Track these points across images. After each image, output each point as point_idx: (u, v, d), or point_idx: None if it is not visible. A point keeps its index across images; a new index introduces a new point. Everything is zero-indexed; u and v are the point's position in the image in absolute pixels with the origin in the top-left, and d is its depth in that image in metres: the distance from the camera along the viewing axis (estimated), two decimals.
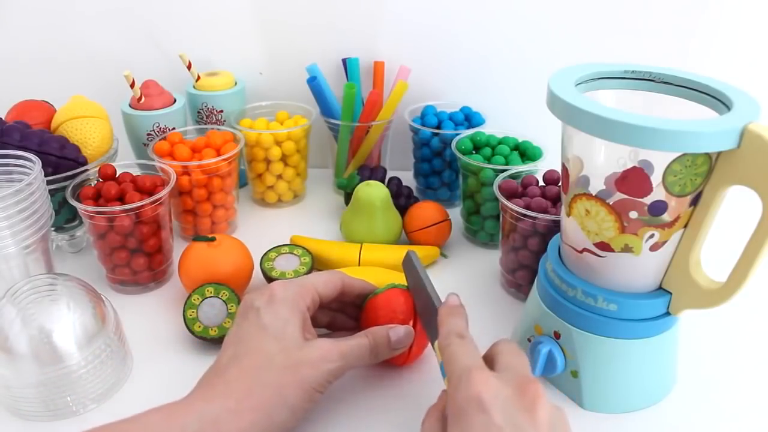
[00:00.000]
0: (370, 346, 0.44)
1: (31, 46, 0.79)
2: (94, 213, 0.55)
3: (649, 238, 0.41)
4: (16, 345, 0.44)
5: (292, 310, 0.43)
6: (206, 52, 0.78)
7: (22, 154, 0.54)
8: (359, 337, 0.44)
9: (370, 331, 0.45)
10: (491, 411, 0.32)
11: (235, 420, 0.37)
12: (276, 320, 0.42)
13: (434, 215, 0.65)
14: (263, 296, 0.44)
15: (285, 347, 0.41)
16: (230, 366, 0.40)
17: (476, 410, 0.33)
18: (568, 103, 0.38)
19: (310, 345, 0.42)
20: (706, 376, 0.50)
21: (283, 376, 0.40)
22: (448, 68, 0.79)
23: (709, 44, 0.73)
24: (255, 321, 0.42)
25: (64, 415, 0.46)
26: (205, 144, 0.66)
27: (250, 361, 0.40)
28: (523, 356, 0.38)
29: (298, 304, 0.44)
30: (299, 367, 0.40)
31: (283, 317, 0.42)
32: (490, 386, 0.34)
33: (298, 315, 0.43)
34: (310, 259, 0.60)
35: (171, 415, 0.37)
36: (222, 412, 0.38)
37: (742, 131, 0.35)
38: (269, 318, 0.42)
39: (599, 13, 0.73)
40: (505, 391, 0.34)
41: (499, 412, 0.32)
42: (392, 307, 0.47)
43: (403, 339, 0.45)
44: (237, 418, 0.37)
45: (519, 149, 0.68)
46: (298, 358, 0.41)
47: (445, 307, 0.42)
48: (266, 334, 0.41)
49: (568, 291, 0.46)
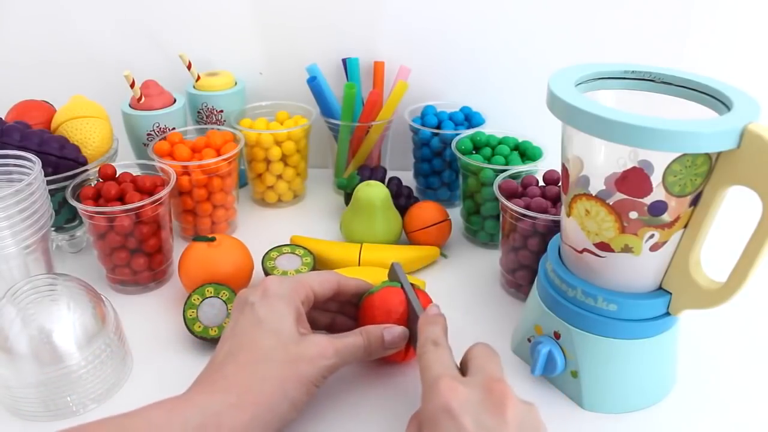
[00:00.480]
0: (365, 345, 0.44)
1: (31, 46, 0.79)
2: (94, 213, 0.55)
3: (649, 238, 0.41)
4: (16, 345, 0.44)
5: (287, 304, 0.43)
6: (206, 52, 0.78)
7: (22, 154, 0.54)
8: (354, 335, 0.44)
9: (366, 329, 0.45)
10: (460, 417, 0.33)
11: (238, 414, 0.37)
12: (271, 314, 0.42)
13: (434, 215, 0.65)
14: (257, 291, 0.44)
15: (282, 342, 0.41)
16: (228, 361, 0.41)
17: (446, 418, 0.34)
18: (568, 103, 0.38)
19: (306, 340, 0.42)
20: (706, 376, 0.50)
21: (283, 370, 0.40)
22: (448, 68, 0.79)
23: (709, 44, 0.73)
24: (250, 316, 0.42)
25: (64, 416, 0.46)
26: (205, 144, 0.66)
27: (248, 355, 0.40)
28: (495, 357, 0.39)
29: (292, 298, 0.44)
30: (297, 362, 0.41)
31: (279, 311, 0.42)
32: (458, 393, 0.35)
33: (293, 309, 0.43)
34: (312, 260, 0.60)
35: (172, 409, 0.37)
36: (223, 406, 0.38)
37: (742, 131, 0.35)
38: (264, 312, 0.42)
39: (599, 13, 0.73)
40: (473, 396, 0.35)
41: (468, 416, 0.33)
42: (387, 307, 0.47)
43: (397, 339, 0.46)
44: (239, 412, 0.38)
45: (519, 149, 0.68)
46: (295, 353, 0.41)
47: (424, 316, 0.43)
48: (262, 329, 0.41)
49: (568, 291, 0.46)
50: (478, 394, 0.35)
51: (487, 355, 0.39)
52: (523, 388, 0.49)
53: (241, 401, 0.38)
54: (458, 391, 0.35)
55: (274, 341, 0.41)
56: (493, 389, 0.35)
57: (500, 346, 0.53)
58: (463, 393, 0.35)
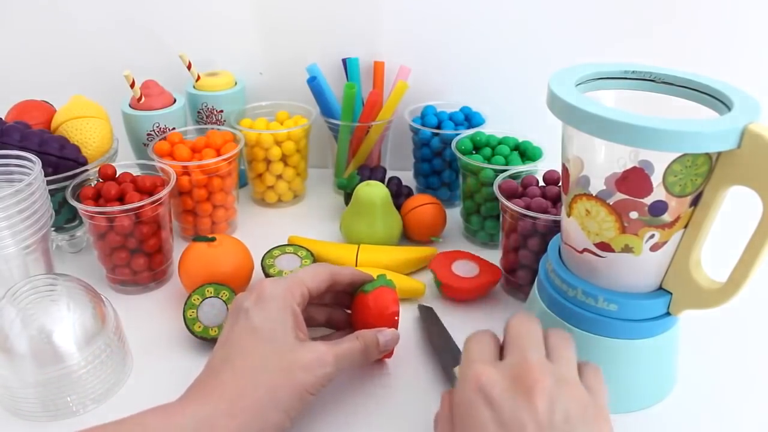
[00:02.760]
0: (362, 349, 0.45)
1: (31, 46, 0.79)
2: (94, 213, 0.55)
3: (649, 238, 0.41)
4: (16, 345, 0.44)
5: (282, 308, 0.42)
6: (206, 52, 0.78)
7: (22, 154, 0.54)
8: (351, 341, 0.44)
9: (361, 333, 0.45)
10: (490, 401, 0.33)
11: (229, 421, 0.37)
12: (267, 321, 0.41)
13: (427, 199, 0.68)
14: (251, 295, 0.43)
15: (277, 349, 0.41)
16: (223, 367, 0.40)
17: (477, 402, 0.33)
18: (568, 103, 0.38)
19: (303, 347, 0.41)
20: (706, 376, 0.50)
21: (277, 378, 0.40)
22: (448, 68, 0.79)
23: (709, 44, 0.73)
24: (245, 323, 0.42)
25: (64, 416, 0.46)
26: (205, 144, 0.66)
27: (243, 362, 0.40)
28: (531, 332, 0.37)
29: (287, 301, 0.43)
30: (293, 370, 0.40)
31: (274, 317, 0.42)
32: (489, 377, 0.34)
33: (289, 313, 0.42)
34: (312, 261, 0.60)
35: (167, 416, 0.37)
36: (216, 413, 0.37)
37: (743, 131, 0.35)
38: (259, 319, 0.41)
39: (599, 13, 0.73)
40: (504, 380, 0.34)
41: (497, 401, 0.33)
42: (380, 309, 0.48)
43: (390, 342, 0.47)
44: (230, 419, 0.37)
45: (519, 149, 0.68)
46: (291, 360, 0.40)
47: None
48: (257, 336, 0.41)
49: (568, 291, 0.46)
50: (509, 379, 0.34)
51: (522, 333, 0.37)
52: None
53: (232, 408, 0.38)
54: (489, 375, 0.34)
55: (270, 349, 0.40)
56: (522, 374, 0.34)
57: None
58: (493, 377, 0.34)
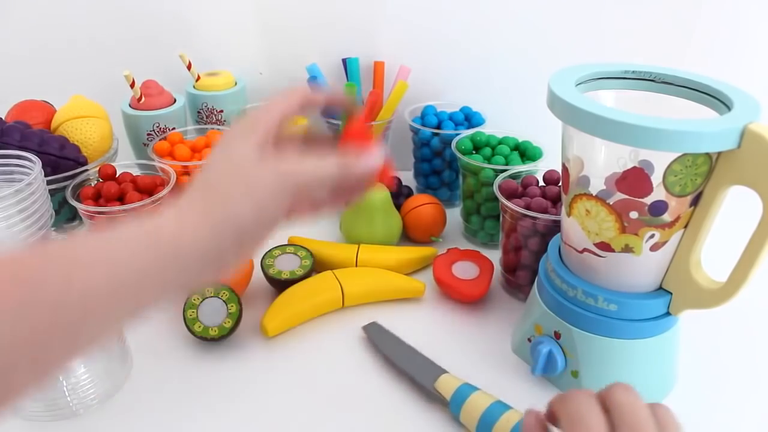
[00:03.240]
0: (339, 162, 0.38)
1: (31, 46, 0.79)
2: (94, 213, 0.55)
3: (649, 238, 0.41)
4: None
5: (251, 129, 0.38)
6: (206, 52, 0.78)
7: (22, 154, 0.54)
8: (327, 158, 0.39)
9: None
10: None
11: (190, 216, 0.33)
12: (232, 139, 0.38)
13: (427, 199, 0.68)
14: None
15: (250, 156, 0.36)
16: (194, 185, 0.36)
17: None
18: (568, 103, 0.38)
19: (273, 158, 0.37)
20: (706, 376, 0.50)
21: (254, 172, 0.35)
22: (448, 68, 0.79)
23: (709, 44, 0.73)
24: (218, 150, 0.38)
25: (64, 416, 0.46)
26: (205, 144, 0.66)
27: (217, 174, 0.36)
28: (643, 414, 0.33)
29: (255, 126, 0.38)
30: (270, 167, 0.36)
31: (240, 135, 0.38)
32: None
33: (258, 133, 0.38)
34: (311, 263, 0.60)
35: (144, 222, 0.33)
36: (189, 212, 0.34)
37: (743, 131, 0.35)
38: (229, 138, 0.38)
39: (599, 13, 0.73)
40: None
41: None
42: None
43: (372, 162, 0.39)
44: (204, 216, 0.34)
45: (519, 149, 0.68)
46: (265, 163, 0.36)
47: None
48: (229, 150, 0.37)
49: (568, 291, 0.46)
50: None
51: (634, 411, 0.33)
52: (523, 388, 0.49)
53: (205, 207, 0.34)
54: None
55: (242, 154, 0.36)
56: None
57: (500, 347, 0.53)
58: None
